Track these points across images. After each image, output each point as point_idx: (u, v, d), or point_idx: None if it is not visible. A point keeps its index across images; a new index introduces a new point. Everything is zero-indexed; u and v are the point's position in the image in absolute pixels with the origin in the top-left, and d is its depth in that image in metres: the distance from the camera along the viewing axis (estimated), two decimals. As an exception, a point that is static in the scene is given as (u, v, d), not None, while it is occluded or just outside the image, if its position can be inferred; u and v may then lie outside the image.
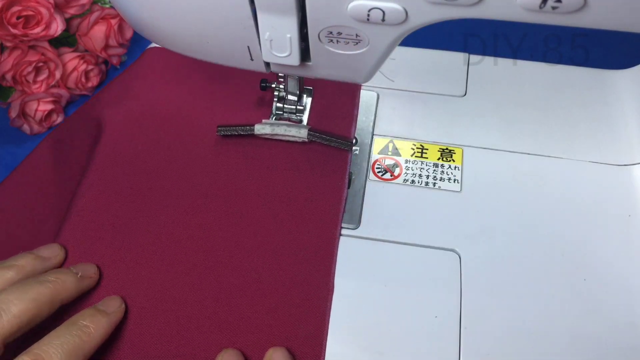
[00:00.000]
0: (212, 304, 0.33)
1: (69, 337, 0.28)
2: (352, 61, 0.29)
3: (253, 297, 0.33)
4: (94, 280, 0.33)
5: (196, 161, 0.38)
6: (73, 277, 0.32)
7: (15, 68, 0.45)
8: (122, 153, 0.39)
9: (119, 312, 0.32)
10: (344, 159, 0.38)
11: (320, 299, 0.33)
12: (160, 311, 0.33)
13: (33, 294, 0.29)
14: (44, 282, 0.30)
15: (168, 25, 0.30)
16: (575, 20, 0.23)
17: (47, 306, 0.30)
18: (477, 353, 0.32)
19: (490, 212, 0.37)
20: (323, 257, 0.34)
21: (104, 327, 0.30)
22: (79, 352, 0.28)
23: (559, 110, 0.42)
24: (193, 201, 0.37)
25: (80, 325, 0.29)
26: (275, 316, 0.32)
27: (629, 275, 0.35)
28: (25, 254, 0.32)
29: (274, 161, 0.38)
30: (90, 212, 0.36)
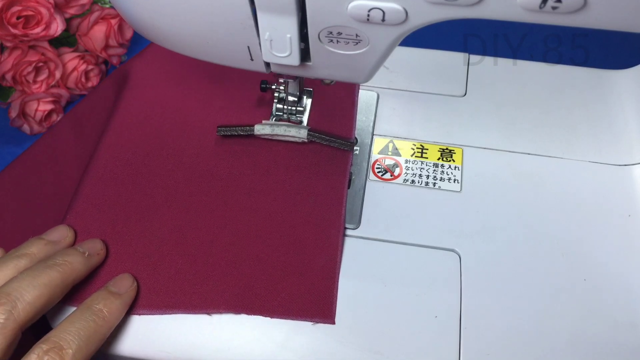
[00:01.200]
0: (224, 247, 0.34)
1: (84, 322, 0.29)
2: (352, 61, 0.29)
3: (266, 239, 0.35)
4: (102, 257, 0.34)
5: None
6: (81, 257, 0.32)
7: (15, 68, 0.45)
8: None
9: (131, 292, 0.32)
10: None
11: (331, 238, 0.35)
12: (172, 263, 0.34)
13: (44, 279, 0.29)
14: (54, 267, 0.30)
15: (168, 26, 0.30)
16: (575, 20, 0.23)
17: (60, 290, 0.30)
18: (477, 353, 0.32)
19: (490, 212, 0.37)
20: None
21: (118, 309, 0.31)
22: (95, 337, 0.29)
23: (559, 110, 0.42)
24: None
25: (95, 309, 0.30)
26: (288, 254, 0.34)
27: (629, 275, 0.35)
28: (35, 240, 0.33)
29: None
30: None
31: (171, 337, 0.32)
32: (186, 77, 0.43)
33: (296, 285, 0.33)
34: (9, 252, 0.32)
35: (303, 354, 0.31)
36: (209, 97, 0.42)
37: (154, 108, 0.41)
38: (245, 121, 0.39)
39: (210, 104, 0.42)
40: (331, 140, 0.38)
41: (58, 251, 0.32)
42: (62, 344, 0.27)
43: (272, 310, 0.33)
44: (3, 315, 0.27)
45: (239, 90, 0.42)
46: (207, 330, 0.32)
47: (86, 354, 0.28)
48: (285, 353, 0.31)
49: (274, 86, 0.39)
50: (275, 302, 0.33)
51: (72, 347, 0.27)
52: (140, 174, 0.38)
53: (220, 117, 0.41)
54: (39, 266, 0.30)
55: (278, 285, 0.33)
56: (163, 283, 0.33)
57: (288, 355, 0.31)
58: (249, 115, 0.41)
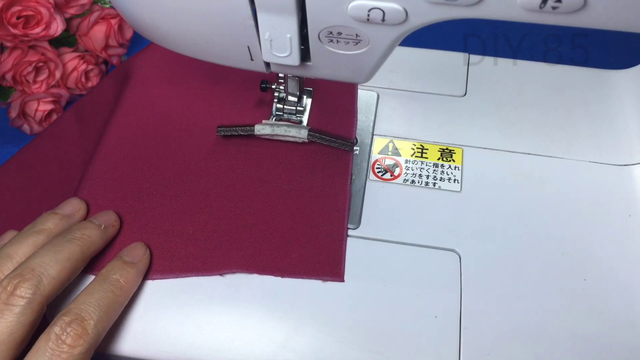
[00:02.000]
0: (235, 214, 0.36)
1: (103, 293, 0.30)
2: (352, 61, 0.29)
3: (275, 207, 0.36)
4: (116, 228, 0.35)
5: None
6: (97, 229, 0.33)
7: (15, 68, 0.45)
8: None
9: (145, 260, 0.34)
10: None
11: (338, 205, 0.36)
12: (183, 231, 0.35)
13: (66, 254, 0.31)
14: (73, 241, 0.32)
15: (168, 26, 0.30)
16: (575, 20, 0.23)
17: (80, 263, 0.32)
18: (477, 353, 0.32)
19: (490, 212, 0.37)
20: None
21: (133, 278, 0.32)
22: (114, 307, 0.30)
23: (559, 110, 0.42)
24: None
25: (112, 280, 0.31)
26: (296, 219, 0.35)
27: (629, 275, 0.35)
28: (50, 215, 0.34)
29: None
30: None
31: (171, 337, 0.32)
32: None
33: (305, 247, 0.35)
34: (25, 228, 0.33)
35: (303, 354, 0.31)
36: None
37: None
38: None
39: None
40: (331, 141, 0.38)
41: (75, 225, 0.33)
42: (83, 316, 0.29)
43: (282, 270, 0.34)
44: (30, 290, 0.28)
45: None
46: (207, 330, 0.32)
47: (106, 324, 0.30)
48: (286, 353, 0.31)
49: (274, 86, 0.39)
50: (285, 262, 0.34)
51: (93, 318, 0.29)
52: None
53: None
54: (59, 241, 0.31)
55: (287, 247, 0.35)
56: (175, 250, 0.35)
57: (288, 355, 0.31)
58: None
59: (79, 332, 0.28)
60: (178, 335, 0.32)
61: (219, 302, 0.33)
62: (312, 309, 0.33)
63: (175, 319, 0.32)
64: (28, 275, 0.29)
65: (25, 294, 0.28)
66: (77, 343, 0.28)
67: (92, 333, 0.28)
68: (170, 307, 0.33)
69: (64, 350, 0.27)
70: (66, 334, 0.28)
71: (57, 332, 0.28)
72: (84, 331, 0.28)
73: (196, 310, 0.33)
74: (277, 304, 0.33)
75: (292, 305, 0.33)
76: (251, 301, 0.33)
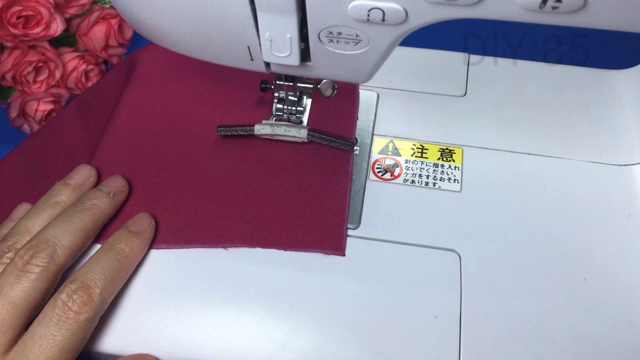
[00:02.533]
0: (240, 189, 0.37)
1: (108, 262, 0.31)
2: (352, 61, 0.29)
3: (279, 181, 0.37)
4: (125, 194, 0.36)
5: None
6: (107, 197, 0.34)
7: (15, 68, 0.45)
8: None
9: (150, 231, 0.34)
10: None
11: (340, 185, 0.37)
12: (189, 204, 0.36)
13: (78, 224, 0.32)
14: (84, 211, 0.33)
15: (168, 25, 0.30)
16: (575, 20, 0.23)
17: (92, 232, 0.33)
18: (477, 353, 0.32)
19: (490, 212, 0.37)
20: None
21: (139, 247, 0.33)
22: (119, 275, 0.32)
23: (559, 110, 0.42)
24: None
25: (117, 249, 0.32)
26: (299, 197, 0.36)
27: (629, 275, 0.35)
28: (63, 187, 0.35)
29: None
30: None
31: (171, 337, 0.32)
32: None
33: (308, 222, 0.35)
34: (40, 200, 0.34)
35: (303, 354, 0.31)
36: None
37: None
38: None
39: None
40: (331, 140, 0.38)
41: (85, 195, 0.34)
42: (89, 284, 0.30)
43: (285, 244, 0.35)
44: (45, 260, 0.30)
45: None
46: (207, 330, 0.32)
47: (112, 292, 0.31)
48: (286, 353, 0.31)
49: (274, 86, 0.39)
50: (287, 237, 0.35)
51: (99, 286, 0.30)
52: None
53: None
54: (71, 212, 0.33)
55: (291, 222, 0.35)
56: (181, 222, 0.35)
57: (288, 355, 0.31)
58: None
59: (84, 299, 0.29)
60: (178, 335, 0.32)
61: (219, 302, 0.33)
62: (312, 309, 0.33)
63: (175, 319, 0.32)
64: (43, 245, 0.30)
65: (41, 263, 0.30)
66: (83, 310, 0.29)
67: (98, 300, 0.30)
68: (170, 307, 0.33)
69: (70, 316, 0.29)
70: (72, 301, 0.29)
71: (64, 299, 0.29)
72: (90, 298, 0.29)
73: (196, 310, 0.33)
74: (277, 303, 0.33)
75: (292, 305, 0.33)
76: (251, 301, 0.33)
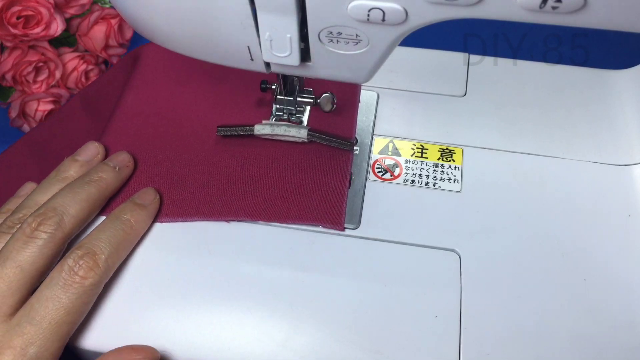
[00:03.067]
0: (243, 167, 0.38)
1: (114, 231, 0.32)
2: (352, 61, 0.29)
3: (280, 162, 0.38)
4: (131, 169, 0.37)
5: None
6: (113, 171, 0.36)
7: (15, 68, 0.45)
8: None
9: (155, 204, 0.35)
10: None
11: (341, 166, 0.38)
12: (194, 181, 0.37)
13: (84, 195, 0.33)
14: (91, 183, 0.34)
15: (168, 25, 0.30)
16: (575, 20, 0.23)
17: (98, 203, 0.35)
18: (477, 353, 0.32)
19: (490, 212, 0.37)
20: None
21: (144, 219, 0.34)
22: (124, 244, 0.33)
23: (559, 110, 0.42)
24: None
25: (123, 219, 0.33)
26: (300, 174, 0.38)
27: (629, 275, 0.35)
28: (72, 162, 0.36)
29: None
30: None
31: (171, 337, 0.32)
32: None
33: (308, 197, 0.37)
34: (49, 175, 0.36)
35: (303, 354, 0.31)
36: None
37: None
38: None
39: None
40: (331, 140, 0.38)
41: (92, 168, 0.36)
42: (95, 250, 0.31)
43: (286, 217, 0.36)
44: (52, 227, 0.31)
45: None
46: (207, 330, 0.32)
47: (116, 260, 0.32)
48: (286, 353, 0.31)
49: (274, 86, 0.39)
50: (289, 210, 0.36)
51: (104, 253, 0.31)
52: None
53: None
54: (78, 183, 0.34)
55: (292, 197, 0.37)
56: (185, 196, 0.36)
57: (288, 355, 0.31)
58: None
59: (90, 264, 0.30)
60: (178, 335, 0.32)
61: (219, 302, 0.33)
62: (312, 308, 0.33)
63: (175, 319, 0.32)
64: (50, 213, 0.32)
65: (48, 230, 0.31)
66: (89, 275, 0.30)
67: (103, 267, 0.31)
68: (171, 307, 0.33)
69: (76, 280, 0.30)
70: (78, 266, 0.30)
71: (70, 264, 0.30)
72: (95, 264, 0.30)
73: (196, 310, 0.33)
74: (277, 303, 0.33)
75: (292, 305, 0.33)
76: (251, 301, 0.33)
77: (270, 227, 0.36)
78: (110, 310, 0.33)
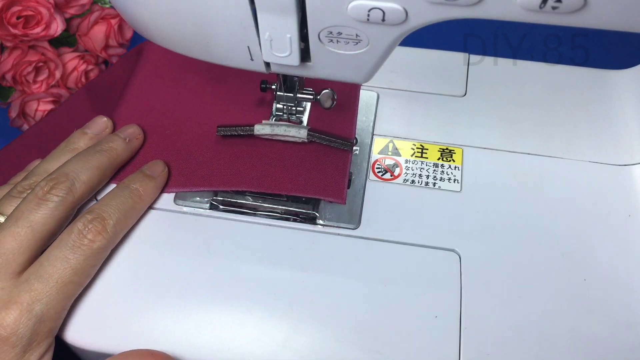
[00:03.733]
0: (248, 147, 0.39)
1: (123, 199, 0.34)
2: (352, 61, 0.29)
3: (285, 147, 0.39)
4: (140, 141, 0.38)
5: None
6: (123, 142, 0.37)
7: (15, 68, 0.45)
8: (136, 114, 0.40)
9: (163, 175, 0.37)
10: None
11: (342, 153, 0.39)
12: (200, 155, 0.39)
13: (95, 162, 0.35)
14: (102, 152, 0.35)
15: (168, 25, 0.30)
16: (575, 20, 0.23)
17: (108, 171, 0.36)
18: (477, 353, 0.32)
19: (490, 212, 0.37)
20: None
21: (152, 189, 0.36)
22: (132, 212, 0.34)
23: (559, 110, 0.42)
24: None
25: (132, 188, 0.35)
26: (302, 152, 0.39)
27: (629, 275, 0.35)
28: (81, 135, 0.38)
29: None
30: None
31: (171, 337, 0.32)
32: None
33: (311, 173, 0.38)
34: (59, 146, 0.37)
35: (303, 354, 0.31)
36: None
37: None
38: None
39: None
40: (331, 140, 0.38)
41: (103, 139, 0.37)
42: (104, 215, 0.32)
43: (289, 189, 0.37)
44: (64, 191, 0.32)
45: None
46: (207, 330, 0.32)
47: (124, 226, 0.34)
48: (286, 353, 0.31)
49: (274, 86, 0.39)
50: (292, 183, 0.37)
51: (112, 219, 0.32)
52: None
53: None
54: (89, 151, 0.35)
55: (295, 171, 0.38)
56: (193, 169, 0.38)
57: (288, 355, 0.31)
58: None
59: (99, 229, 0.32)
60: (178, 335, 0.32)
61: (219, 302, 0.33)
62: (312, 308, 0.33)
63: (175, 319, 0.32)
64: (62, 178, 0.33)
65: (60, 193, 0.32)
66: (97, 238, 0.31)
67: (111, 232, 0.32)
68: (170, 307, 0.33)
69: (85, 243, 0.31)
70: (87, 229, 0.31)
71: (80, 228, 0.31)
72: (104, 229, 0.32)
73: (196, 310, 0.33)
74: (277, 303, 0.33)
75: (292, 305, 0.33)
76: (251, 301, 0.33)
77: (270, 227, 0.36)
78: (110, 310, 0.33)
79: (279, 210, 0.37)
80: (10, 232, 0.31)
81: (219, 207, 0.37)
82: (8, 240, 0.31)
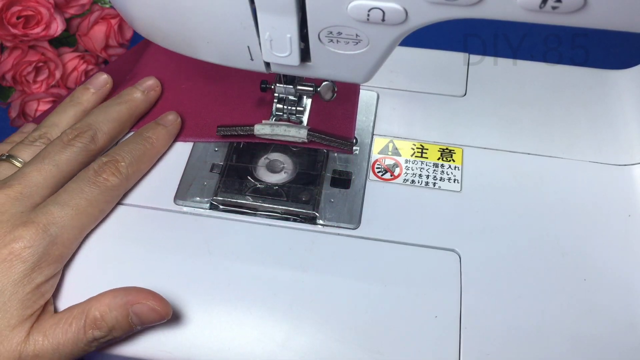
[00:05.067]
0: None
1: (136, 144, 0.36)
2: (352, 61, 0.29)
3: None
4: (158, 93, 0.41)
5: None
6: (141, 93, 0.40)
7: (15, 68, 0.45)
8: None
9: (176, 125, 0.39)
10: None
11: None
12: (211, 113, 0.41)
13: (115, 114, 0.37)
14: (121, 103, 0.38)
15: (168, 26, 0.30)
16: (575, 20, 0.23)
17: (128, 122, 0.39)
18: (477, 353, 0.32)
19: (490, 212, 0.37)
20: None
21: (164, 137, 0.38)
22: (144, 157, 0.37)
23: (559, 110, 0.42)
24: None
25: (145, 136, 0.37)
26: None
27: (629, 275, 0.35)
28: (83, 90, 0.40)
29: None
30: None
31: (171, 337, 0.32)
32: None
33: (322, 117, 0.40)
34: (63, 102, 0.40)
35: (303, 354, 0.31)
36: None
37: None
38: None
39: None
40: (331, 140, 0.38)
41: (123, 91, 0.40)
42: (118, 158, 0.35)
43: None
44: (87, 139, 0.35)
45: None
46: (207, 330, 0.32)
47: (136, 170, 0.36)
48: (286, 353, 0.31)
49: (274, 86, 0.39)
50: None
51: (125, 161, 0.35)
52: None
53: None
54: (110, 103, 0.38)
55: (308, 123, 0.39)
56: (203, 122, 0.40)
57: (288, 355, 0.31)
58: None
59: (113, 169, 0.34)
60: (178, 335, 0.32)
61: (218, 302, 0.33)
62: (312, 308, 0.33)
63: (175, 319, 0.32)
64: (86, 128, 0.36)
65: (84, 141, 0.35)
66: (111, 177, 0.34)
67: (124, 173, 0.35)
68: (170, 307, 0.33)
69: (100, 180, 0.34)
70: (102, 169, 0.34)
71: (95, 168, 0.34)
72: (117, 170, 0.35)
73: (196, 310, 0.33)
74: (276, 303, 0.33)
75: (292, 305, 0.33)
76: (251, 301, 0.33)
77: (270, 227, 0.36)
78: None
79: (279, 210, 0.37)
80: (36, 168, 0.33)
81: (219, 207, 0.37)
82: (34, 175, 0.33)
